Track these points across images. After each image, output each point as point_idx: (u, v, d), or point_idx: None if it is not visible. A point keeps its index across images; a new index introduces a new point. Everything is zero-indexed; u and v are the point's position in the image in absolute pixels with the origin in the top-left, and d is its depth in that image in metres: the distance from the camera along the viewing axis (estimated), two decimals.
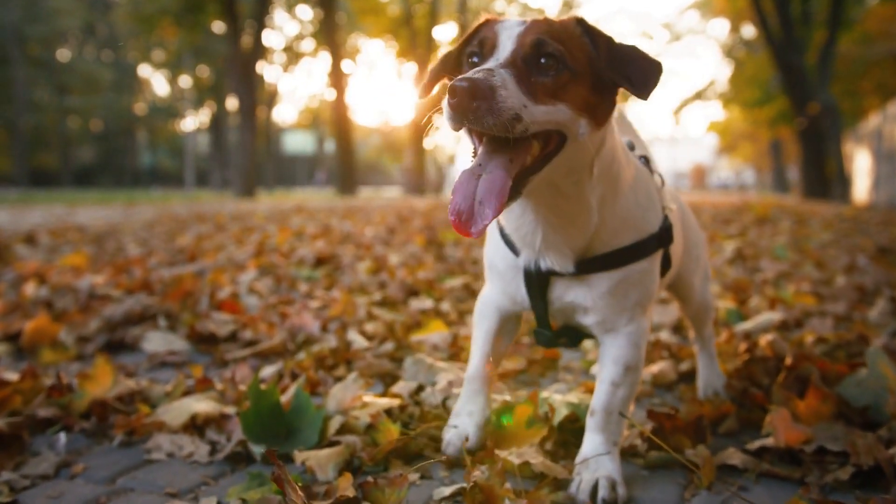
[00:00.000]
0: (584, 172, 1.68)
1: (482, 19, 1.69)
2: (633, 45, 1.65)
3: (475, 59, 1.59)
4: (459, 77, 1.41)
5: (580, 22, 1.63)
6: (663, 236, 1.87)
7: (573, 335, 1.95)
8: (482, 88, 1.39)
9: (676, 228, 2.06)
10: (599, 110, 1.62)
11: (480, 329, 2.07)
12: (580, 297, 1.82)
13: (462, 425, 2.06)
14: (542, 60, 1.51)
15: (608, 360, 1.89)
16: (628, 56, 1.61)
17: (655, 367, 2.88)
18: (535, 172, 1.57)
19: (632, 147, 2.00)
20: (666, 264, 1.96)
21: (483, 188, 1.49)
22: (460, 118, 1.42)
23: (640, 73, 1.59)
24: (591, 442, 1.89)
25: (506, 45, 1.54)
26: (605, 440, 1.88)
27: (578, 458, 1.88)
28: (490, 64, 1.49)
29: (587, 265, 1.78)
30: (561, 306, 1.86)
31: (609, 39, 1.62)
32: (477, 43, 1.60)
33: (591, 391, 2.53)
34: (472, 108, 1.39)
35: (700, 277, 2.49)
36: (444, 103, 1.43)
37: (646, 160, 2.02)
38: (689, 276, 2.41)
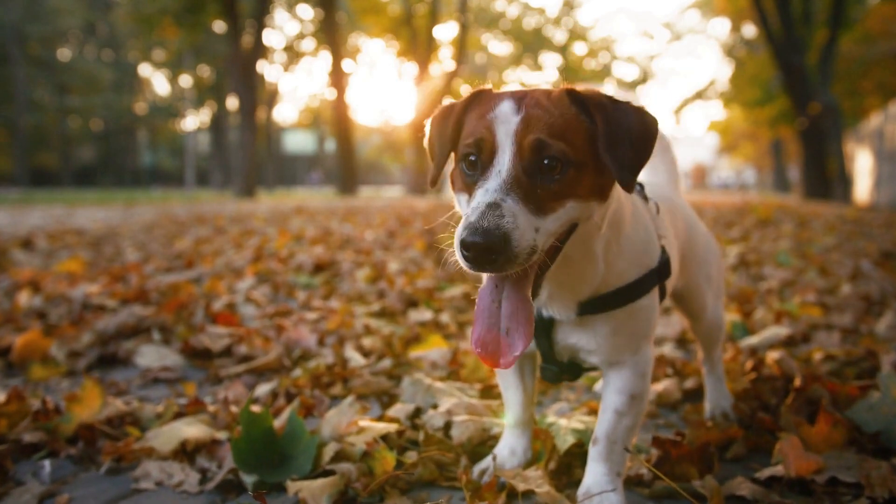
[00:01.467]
0: (593, 236, 1.64)
1: (476, 90, 1.63)
2: (628, 105, 1.57)
3: (472, 159, 1.52)
4: (470, 226, 1.37)
5: (571, 94, 1.56)
6: (662, 270, 1.83)
7: (577, 370, 1.90)
8: (496, 243, 1.35)
9: (674, 254, 2.01)
10: (607, 185, 1.56)
11: (505, 378, 2.04)
12: (583, 340, 1.78)
13: (501, 459, 2.02)
14: (546, 162, 1.46)
15: (613, 388, 1.83)
16: (624, 131, 1.52)
17: (660, 386, 2.81)
18: (550, 265, 1.55)
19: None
20: (661, 294, 1.92)
21: (507, 315, 1.49)
22: (479, 269, 1.41)
23: (629, 153, 1.51)
24: (595, 473, 1.82)
25: (505, 149, 1.47)
26: (609, 470, 1.81)
27: (581, 490, 1.81)
28: (493, 182, 1.44)
29: (588, 307, 1.74)
30: (565, 345, 1.81)
31: (604, 109, 1.53)
32: (473, 142, 1.51)
33: (594, 411, 2.46)
34: (489, 261, 1.37)
35: (712, 296, 2.42)
36: (459, 256, 1.40)
37: (640, 186, 1.96)
38: (701, 293, 2.35)
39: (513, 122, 1.48)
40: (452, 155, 1.65)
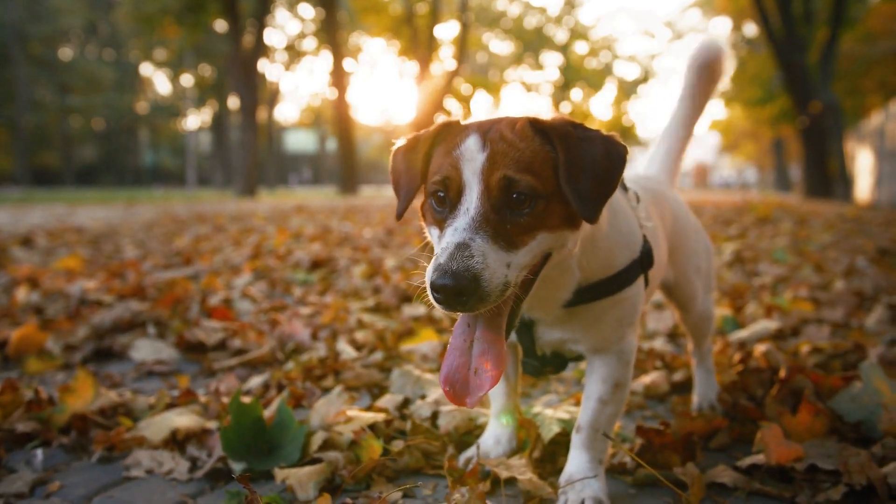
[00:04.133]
0: (567, 258, 1.64)
1: (442, 122, 1.62)
2: (596, 134, 1.56)
3: (441, 195, 1.51)
4: (440, 269, 1.37)
5: (534, 124, 1.54)
6: (644, 260, 1.84)
7: (559, 362, 1.92)
8: (466, 284, 1.35)
9: (659, 242, 2.03)
10: (577, 214, 1.53)
11: None
12: (567, 332, 1.80)
13: (485, 448, 2.05)
14: (514, 197, 1.46)
15: (597, 377, 1.85)
16: (587, 161, 1.50)
17: (648, 378, 2.84)
18: (525, 297, 1.55)
19: None
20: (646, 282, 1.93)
21: (477, 354, 1.50)
22: (450, 310, 1.41)
23: (592, 185, 1.49)
24: (577, 460, 1.85)
25: (472, 188, 1.46)
26: (591, 458, 1.84)
27: (563, 477, 1.84)
28: (461, 221, 1.44)
29: (571, 302, 1.74)
30: (549, 340, 1.83)
31: (567, 138, 1.51)
32: (441, 181, 1.51)
33: (580, 402, 2.49)
34: (460, 303, 1.37)
35: (702, 288, 2.45)
36: (430, 297, 1.40)
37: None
38: (690, 284, 2.37)
39: (478, 159, 1.47)
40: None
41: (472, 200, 1.46)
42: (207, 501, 1.89)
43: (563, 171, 1.48)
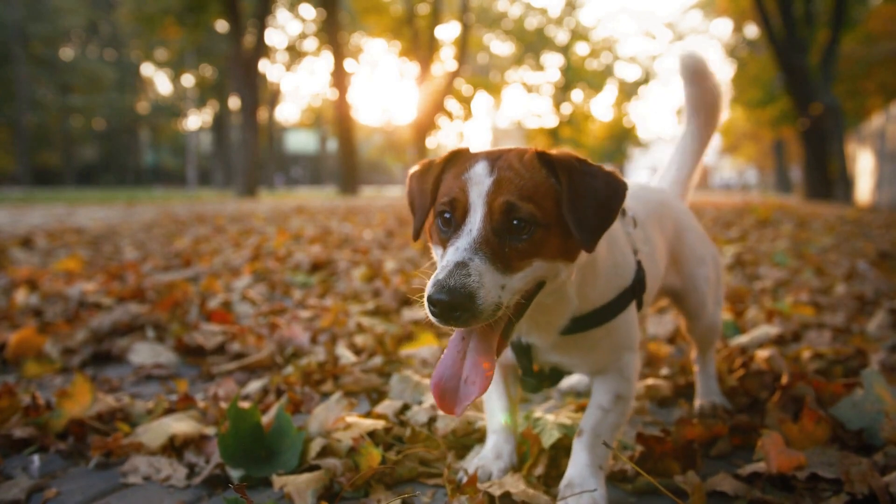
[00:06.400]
0: (564, 286, 1.70)
1: (454, 150, 1.71)
2: (598, 169, 1.62)
3: (447, 216, 1.59)
4: (438, 284, 1.43)
5: (541, 157, 1.62)
6: (637, 287, 1.90)
7: (556, 377, 1.97)
8: (461, 301, 1.42)
9: (656, 260, 2.07)
10: (574, 248, 1.61)
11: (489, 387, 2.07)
12: (564, 358, 1.87)
13: (487, 464, 2.04)
14: (515, 223, 1.52)
15: (600, 389, 1.92)
16: (589, 193, 1.58)
17: (650, 380, 2.83)
18: (519, 319, 1.61)
19: None
20: (639, 305, 1.98)
21: (469, 366, 1.56)
22: (444, 324, 1.47)
23: (592, 216, 1.56)
24: (578, 465, 1.86)
25: (476, 209, 1.54)
26: (592, 463, 1.85)
27: (564, 482, 1.84)
28: (463, 241, 1.51)
29: (565, 330, 1.80)
30: (546, 361, 1.90)
31: (571, 170, 1.59)
32: (448, 202, 1.58)
33: (582, 408, 2.48)
34: (454, 318, 1.44)
35: (712, 298, 2.46)
36: (427, 310, 1.47)
37: None
38: (700, 293, 2.39)
39: (485, 183, 1.55)
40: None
41: (475, 222, 1.53)
42: None
43: (566, 200, 1.56)
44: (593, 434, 1.86)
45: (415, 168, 1.82)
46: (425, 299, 1.46)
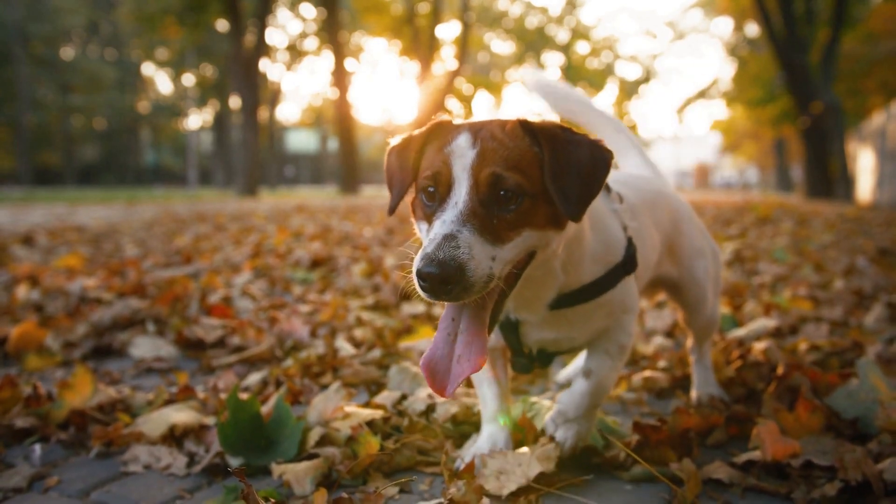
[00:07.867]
0: (551, 259, 1.69)
1: (434, 122, 1.67)
2: (583, 137, 1.60)
3: (431, 190, 1.56)
4: (426, 257, 1.40)
5: (524, 125, 1.59)
6: (628, 263, 1.88)
7: (547, 359, 1.97)
8: (451, 273, 1.39)
9: (646, 240, 2.07)
10: (563, 215, 1.57)
11: (479, 374, 2.08)
12: (562, 332, 1.87)
13: (481, 451, 2.03)
14: (502, 193, 1.50)
15: (604, 338, 1.96)
16: (572, 162, 1.55)
17: (647, 372, 2.85)
18: (509, 293, 1.60)
19: None
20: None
21: (461, 345, 1.54)
22: (435, 298, 1.44)
23: (576, 186, 1.53)
24: (577, 397, 1.96)
25: (461, 182, 1.51)
26: (591, 405, 1.97)
27: (553, 413, 2.00)
28: (450, 213, 1.48)
29: (554, 305, 1.80)
30: (535, 339, 1.89)
31: (554, 140, 1.56)
32: (431, 175, 1.56)
33: None
34: (445, 291, 1.40)
35: (712, 291, 2.47)
36: (416, 285, 1.44)
37: None
38: (699, 285, 2.39)
39: (469, 155, 1.52)
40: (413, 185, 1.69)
41: (461, 195, 1.50)
42: (205, 496, 1.90)
43: (549, 170, 1.53)
44: (599, 375, 1.94)
45: (394, 142, 1.77)
46: (413, 274, 1.43)
